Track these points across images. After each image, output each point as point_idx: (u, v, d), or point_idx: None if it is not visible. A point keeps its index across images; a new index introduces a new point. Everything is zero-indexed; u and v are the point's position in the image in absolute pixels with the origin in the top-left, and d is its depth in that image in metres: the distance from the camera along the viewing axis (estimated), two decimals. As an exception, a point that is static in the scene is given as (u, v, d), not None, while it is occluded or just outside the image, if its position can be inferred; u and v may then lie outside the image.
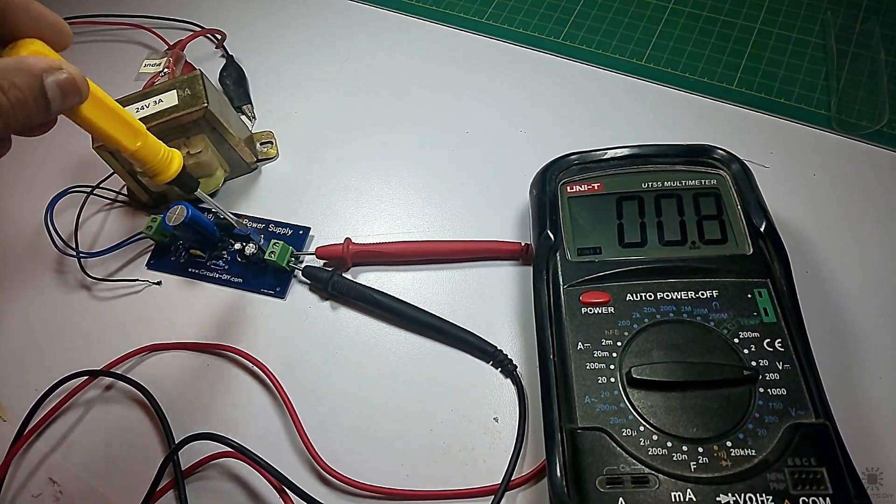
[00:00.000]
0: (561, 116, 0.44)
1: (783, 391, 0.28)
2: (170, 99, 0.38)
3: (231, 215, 0.37)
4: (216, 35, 0.49)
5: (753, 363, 0.28)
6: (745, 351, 0.28)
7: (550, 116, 0.44)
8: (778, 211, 0.33)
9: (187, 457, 0.33)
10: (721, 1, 0.47)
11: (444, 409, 0.34)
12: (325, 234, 0.41)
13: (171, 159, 0.28)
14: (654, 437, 0.27)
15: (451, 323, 0.36)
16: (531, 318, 0.35)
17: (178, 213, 0.36)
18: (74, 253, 0.40)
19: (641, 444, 0.27)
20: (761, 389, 0.28)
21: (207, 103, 0.37)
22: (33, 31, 0.21)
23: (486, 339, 0.35)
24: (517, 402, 0.34)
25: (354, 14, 0.51)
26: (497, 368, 0.35)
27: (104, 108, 0.24)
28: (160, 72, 0.43)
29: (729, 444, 0.26)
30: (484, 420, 0.34)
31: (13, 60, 0.20)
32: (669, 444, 0.26)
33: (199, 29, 0.49)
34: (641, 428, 0.27)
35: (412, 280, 0.38)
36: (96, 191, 0.42)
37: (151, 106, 0.37)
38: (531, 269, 0.36)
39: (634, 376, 0.28)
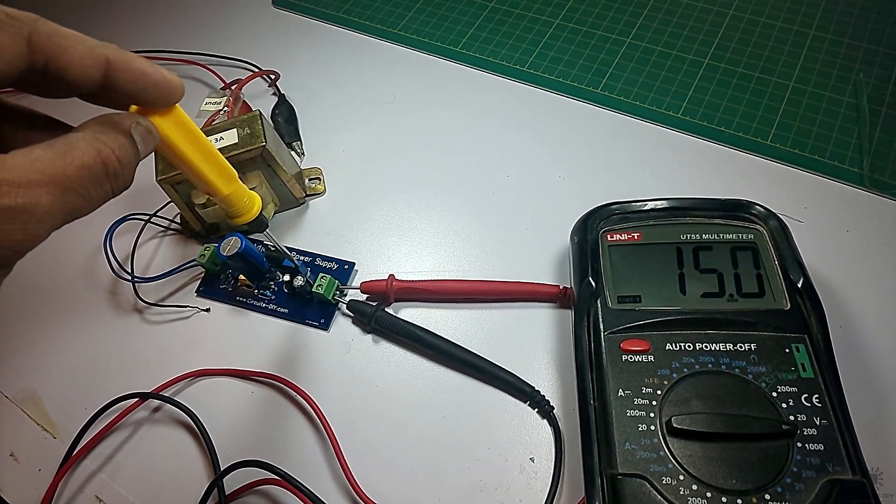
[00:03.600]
0: (598, 164, 0.45)
1: (821, 447, 0.28)
2: (230, 137, 0.40)
3: (286, 251, 0.38)
4: (270, 75, 0.51)
5: (791, 417, 0.29)
6: (783, 405, 0.29)
7: (588, 164, 0.45)
8: (811, 265, 0.34)
9: (231, 481, 0.34)
10: (755, 58, 0.49)
11: (481, 446, 0.35)
12: (368, 269, 0.42)
13: (253, 202, 0.30)
14: (694, 487, 0.27)
15: (489, 361, 0.37)
16: (568, 360, 0.37)
17: (232, 244, 0.38)
18: (129, 277, 0.42)
19: (681, 493, 0.27)
20: (799, 444, 0.28)
21: (265, 142, 0.39)
22: (135, 90, 0.21)
23: (523, 379, 0.36)
24: (553, 444, 0.34)
25: (402, 58, 0.54)
26: (534, 409, 0.36)
27: (210, 157, 0.26)
28: (220, 110, 0.46)
29: (767, 497, 0.27)
30: (520, 460, 0.34)
31: (109, 119, 0.20)
32: (709, 494, 0.27)
33: (256, 70, 0.51)
34: (681, 477, 0.28)
35: (452, 317, 0.39)
36: (152, 219, 0.44)
37: (213, 143, 0.39)
38: (569, 312, 0.38)
39: (675, 425, 0.29)
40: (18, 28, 0.18)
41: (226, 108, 0.46)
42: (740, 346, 0.31)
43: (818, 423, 0.29)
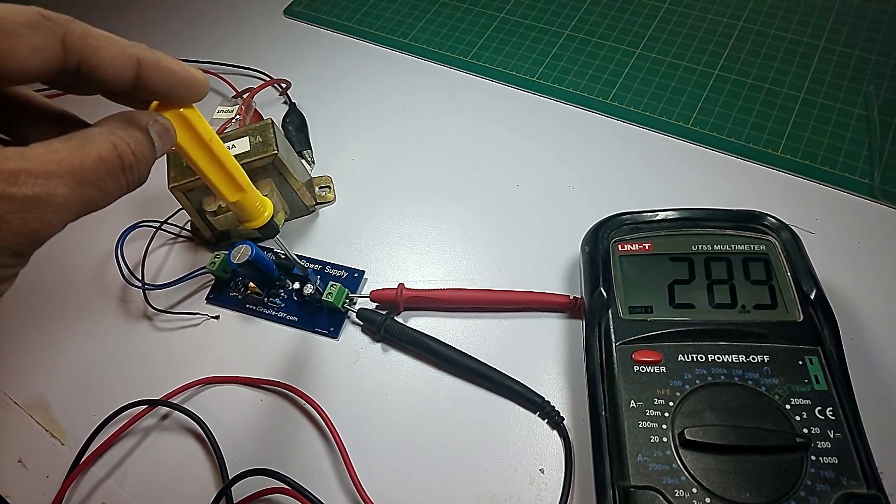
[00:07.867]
0: (607, 174, 0.45)
1: (835, 460, 0.28)
2: (242, 145, 0.40)
3: (297, 259, 0.38)
4: (281, 84, 0.52)
5: (805, 430, 0.29)
6: (797, 418, 0.29)
7: (598, 174, 0.45)
8: (822, 277, 0.34)
9: (239, 490, 0.34)
10: (765, 69, 0.49)
11: (490, 456, 0.35)
12: (378, 278, 0.42)
13: (264, 207, 0.30)
14: (707, 500, 0.27)
15: (499, 371, 0.37)
16: (578, 370, 0.36)
17: (242, 252, 0.38)
18: (140, 284, 0.42)
19: (694, 506, 0.27)
20: (813, 457, 0.28)
21: (277, 150, 0.39)
22: (164, 88, 0.21)
23: (533, 389, 0.36)
24: (563, 455, 0.34)
25: (412, 68, 0.54)
26: (544, 419, 0.35)
27: (222, 163, 0.26)
28: (232, 118, 0.46)
29: (782, 511, 0.27)
30: (530, 470, 0.34)
31: (127, 116, 0.21)
32: (722, 507, 0.27)
33: (268, 79, 0.52)
34: (694, 490, 0.27)
35: (462, 327, 0.39)
36: (163, 226, 0.44)
37: (225, 150, 0.40)
38: (579, 322, 0.38)
39: (688, 437, 0.28)
40: (54, 29, 0.19)
41: (238, 117, 0.46)
42: (753, 358, 0.31)
43: (832, 436, 0.28)
